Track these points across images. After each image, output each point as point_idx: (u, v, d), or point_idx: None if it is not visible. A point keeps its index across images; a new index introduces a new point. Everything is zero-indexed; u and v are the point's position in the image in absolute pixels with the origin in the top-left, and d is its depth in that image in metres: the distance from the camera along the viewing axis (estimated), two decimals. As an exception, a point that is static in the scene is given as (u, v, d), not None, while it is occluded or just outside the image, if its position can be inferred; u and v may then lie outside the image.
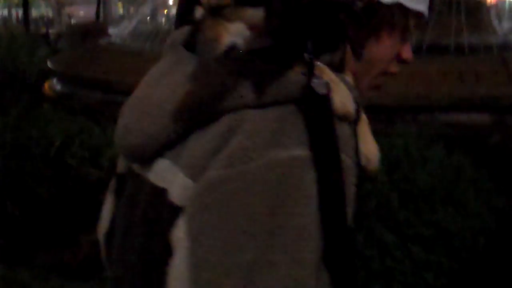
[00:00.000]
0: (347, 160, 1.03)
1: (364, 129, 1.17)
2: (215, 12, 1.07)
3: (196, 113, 1.03)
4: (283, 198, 0.95)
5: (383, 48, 1.23)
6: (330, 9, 1.05)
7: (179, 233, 1.01)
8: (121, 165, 1.29)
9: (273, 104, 1.00)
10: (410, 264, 3.83)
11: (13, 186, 5.06)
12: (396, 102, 6.13)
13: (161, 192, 1.08)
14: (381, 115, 5.95)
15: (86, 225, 4.17)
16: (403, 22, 1.22)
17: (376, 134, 1.21)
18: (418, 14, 1.24)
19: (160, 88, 1.11)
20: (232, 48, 1.05)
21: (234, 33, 1.05)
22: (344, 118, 1.05)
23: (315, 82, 1.02)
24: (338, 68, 1.12)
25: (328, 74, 1.07)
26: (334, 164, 1.00)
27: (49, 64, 7.76)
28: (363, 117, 1.16)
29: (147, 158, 1.11)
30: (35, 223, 4.70)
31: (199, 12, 1.12)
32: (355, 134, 1.09)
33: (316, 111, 1.01)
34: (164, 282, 1.03)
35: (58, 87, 7.89)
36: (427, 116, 6.07)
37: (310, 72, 1.03)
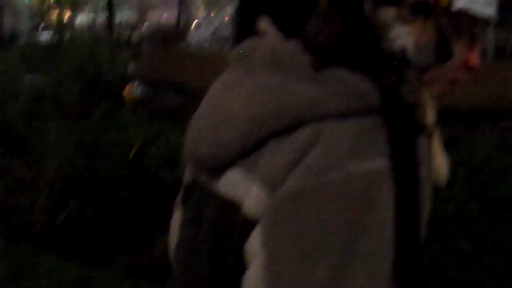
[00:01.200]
0: (424, 172, 1.00)
1: (436, 142, 1.15)
2: None
3: (275, 122, 1.01)
4: (361, 211, 0.94)
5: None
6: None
7: (254, 246, 0.99)
8: (188, 176, 1.29)
9: (355, 114, 0.98)
10: (488, 275, 3.72)
11: (92, 189, 5.19)
12: (480, 105, 6.02)
13: (231, 204, 1.06)
14: (461, 121, 5.84)
15: (162, 227, 4.22)
16: (470, 29, 1.19)
17: (457, 138, 1.19)
18: (485, 21, 1.21)
19: (234, 98, 1.09)
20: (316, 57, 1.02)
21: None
22: (425, 129, 1.03)
23: (404, 89, 1.00)
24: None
25: (415, 82, 1.04)
26: (413, 176, 0.98)
27: (129, 68, 7.92)
28: (437, 129, 1.14)
29: (219, 168, 1.10)
30: (112, 226, 4.80)
31: (262, 24, 1.11)
32: (429, 147, 1.07)
33: (401, 121, 0.99)
34: None
35: (138, 91, 8.06)
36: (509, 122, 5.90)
37: (399, 80, 1.01)
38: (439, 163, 1.15)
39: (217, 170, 1.09)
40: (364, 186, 0.93)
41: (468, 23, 1.18)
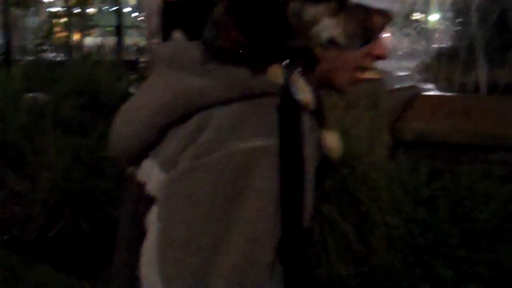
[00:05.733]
0: (307, 151, 1.12)
1: (327, 122, 1.28)
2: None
3: (170, 114, 1.14)
4: (241, 184, 1.05)
5: None
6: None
7: (152, 218, 1.13)
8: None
9: (238, 99, 1.10)
10: (466, 303, 3.81)
11: (87, 204, 5.30)
12: (468, 140, 6.12)
13: (141, 187, 1.20)
14: (451, 153, 5.95)
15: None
16: (368, 21, 1.25)
17: (441, 171, 1.29)
18: (381, 12, 1.30)
19: (143, 95, 1.26)
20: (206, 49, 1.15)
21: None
22: (305, 108, 1.15)
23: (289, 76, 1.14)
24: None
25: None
26: (298, 155, 1.10)
27: (134, 89, 8.04)
28: (325, 110, 1.28)
29: (135, 160, 1.24)
30: (103, 239, 4.88)
31: (175, 33, 1.25)
32: (317, 126, 1.21)
33: (282, 102, 1.11)
34: (138, 262, 1.14)
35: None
36: (498, 155, 6.00)
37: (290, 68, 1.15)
38: (330, 138, 1.29)
39: (135, 162, 1.24)
40: (243, 162, 1.06)
41: (364, 15, 1.25)
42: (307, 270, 1.17)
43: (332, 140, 1.29)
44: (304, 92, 1.16)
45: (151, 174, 1.17)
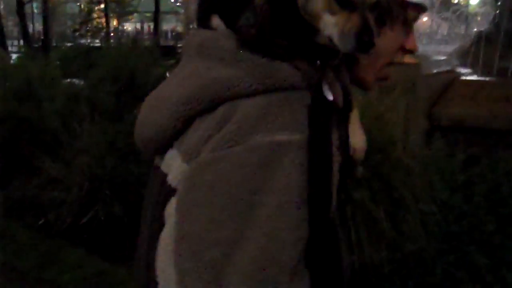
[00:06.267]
0: (334, 149, 1.10)
1: (354, 120, 1.25)
2: None
3: (196, 103, 1.12)
4: (263, 178, 1.03)
5: (387, 41, 1.26)
6: None
7: (170, 209, 1.12)
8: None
9: (265, 91, 1.08)
10: (501, 289, 3.75)
11: (121, 190, 5.34)
12: (506, 126, 6.01)
13: (163, 177, 1.19)
14: (488, 138, 5.84)
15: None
16: (402, 14, 1.26)
17: (478, 157, 1.25)
18: (416, 6, 1.28)
19: (170, 84, 1.23)
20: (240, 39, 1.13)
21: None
22: (333, 105, 1.12)
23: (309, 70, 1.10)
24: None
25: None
26: (324, 151, 1.08)
27: (167, 75, 8.05)
28: (355, 109, 1.24)
29: (161, 149, 1.22)
30: (138, 225, 4.89)
31: (214, 19, 1.22)
32: (343, 125, 1.18)
33: (313, 98, 1.09)
34: (155, 254, 1.14)
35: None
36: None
37: (323, 65, 1.12)
38: (356, 138, 1.25)
39: (160, 152, 1.23)
40: (266, 156, 1.03)
41: (400, 9, 1.25)
42: (334, 271, 1.14)
43: (358, 141, 1.25)
44: (334, 90, 1.13)
45: (172, 165, 1.16)
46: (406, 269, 3.92)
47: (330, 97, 1.12)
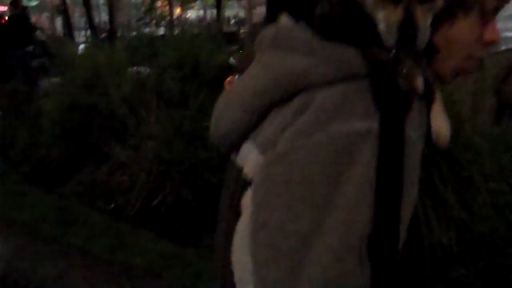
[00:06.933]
0: (412, 135, 1.06)
1: (437, 107, 1.20)
2: None
3: (271, 94, 1.12)
4: (342, 168, 1.01)
5: (460, 31, 1.19)
6: None
7: (246, 200, 1.12)
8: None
9: (341, 80, 1.06)
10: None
11: (189, 174, 5.40)
12: None
13: (239, 170, 1.19)
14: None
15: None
16: (479, 2, 1.18)
17: None
18: None
19: (245, 78, 1.23)
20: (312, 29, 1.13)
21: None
22: (414, 92, 1.09)
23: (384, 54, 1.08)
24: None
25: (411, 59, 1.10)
26: (398, 139, 1.04)
27: (230, 60, 8.08)
28: (437, 96, 1.20)
29: (236, 143, 1.23)
30: (206, 208, 4.97)
31: (282, 17, 1.22)
32: (426, 111, 1.14)
33: (387, 86, 1.06)
34: (231, 244, 1.14)
35: (238, 82, 8.16)
36: None
37: (397, 55, 1.08)
38: (440, 125, 1.20)
39: (236, 146, 1.23)
40: (345, 146, 1.02)
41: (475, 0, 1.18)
42: (415, 251, 1.12)
43: (440, 126, 1.21)
44: (413, 76, 1.10)
45: (248, 157, 1.17)
46: (475, 250, 3.86)
47: (406, 86, 1.09)
